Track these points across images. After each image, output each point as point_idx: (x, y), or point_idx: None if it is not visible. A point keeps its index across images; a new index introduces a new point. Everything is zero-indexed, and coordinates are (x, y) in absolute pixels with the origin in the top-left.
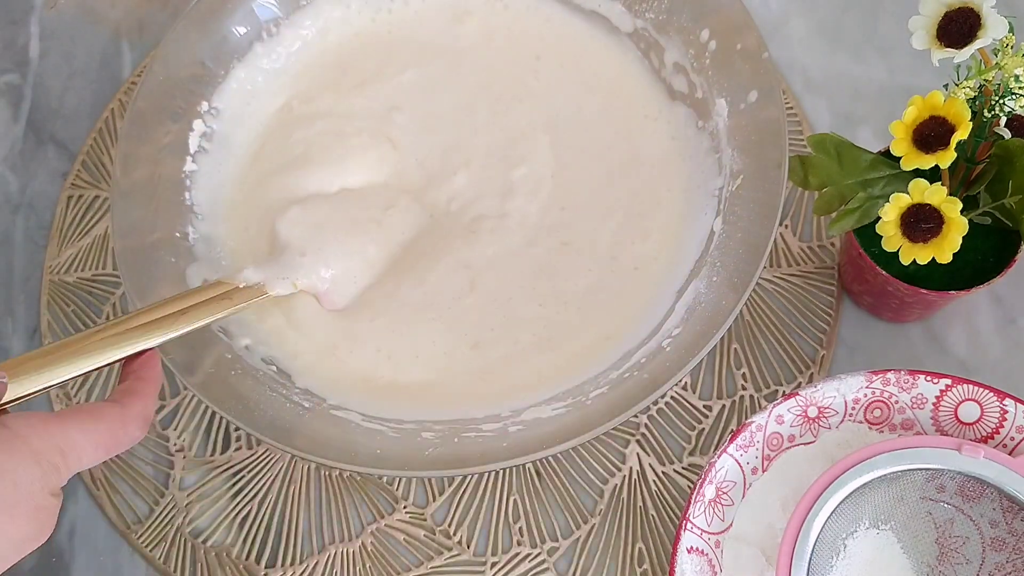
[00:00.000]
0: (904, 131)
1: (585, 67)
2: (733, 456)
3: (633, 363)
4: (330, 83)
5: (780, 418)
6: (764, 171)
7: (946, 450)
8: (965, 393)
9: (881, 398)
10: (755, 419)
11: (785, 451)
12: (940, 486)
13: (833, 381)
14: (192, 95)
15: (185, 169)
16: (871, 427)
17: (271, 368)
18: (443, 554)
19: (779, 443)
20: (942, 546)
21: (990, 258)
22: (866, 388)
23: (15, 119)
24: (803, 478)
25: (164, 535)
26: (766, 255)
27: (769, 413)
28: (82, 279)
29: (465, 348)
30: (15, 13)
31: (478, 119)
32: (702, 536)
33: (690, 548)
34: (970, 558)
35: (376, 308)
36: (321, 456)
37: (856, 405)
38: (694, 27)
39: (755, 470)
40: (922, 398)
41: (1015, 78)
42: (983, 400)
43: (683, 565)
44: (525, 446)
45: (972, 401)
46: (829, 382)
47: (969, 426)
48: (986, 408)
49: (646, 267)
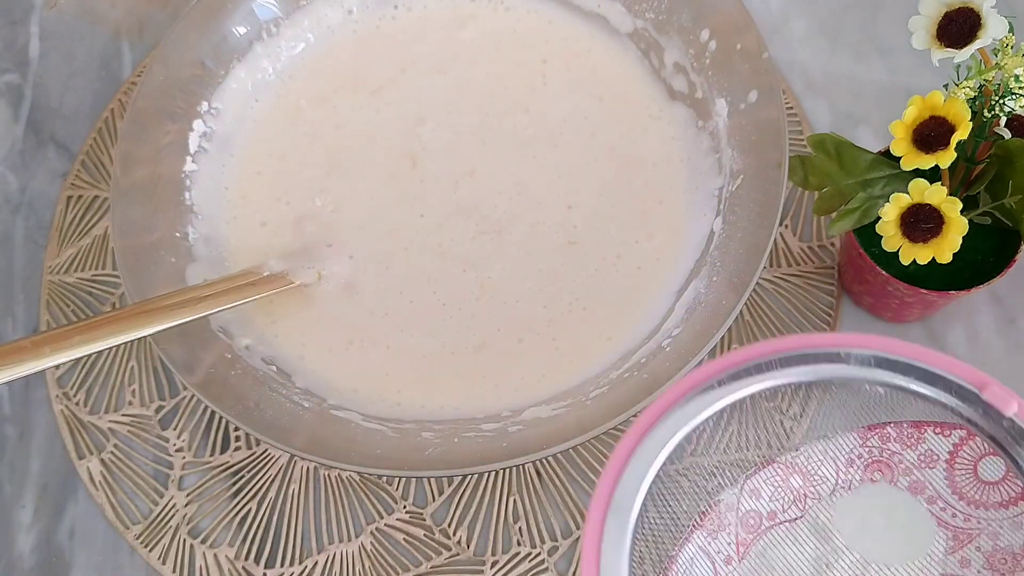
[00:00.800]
0: (904, 131)
1: (588, 69)
2: (700, 545)
3: (633, 363)
4: (341, 86)
5: (756, 492)
6: (764, 171)
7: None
8: (987, 447)
9: (881, 458)
10: (723, 496)
11: (766, 532)
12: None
13: (819, 442)
14: (192, 95)
15: (185, 169)
16: None
17: (271, 368)
18: (443, 554)
19: (757, 523)
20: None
21: (990, 258)
22: (860, 448)
23: (15, 119)
24: (791, 564)
25: (163, 535)
26: (766, 255)
27: (741, 488)
28: (82, 279)
29: (470, 349)
30: (15, 13)
31: (489, 124)
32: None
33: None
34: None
35: (388, 305)
36: (321, 456)
37: (851, 468)
38: (694, 27)
39: (728, 559)
40: (932, 455)
41: (1015, 78)
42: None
43: None
44: (525, 446)
45: (995, 455)
46: (814, 443)
47: (993, 485)
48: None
49: (649, 267)
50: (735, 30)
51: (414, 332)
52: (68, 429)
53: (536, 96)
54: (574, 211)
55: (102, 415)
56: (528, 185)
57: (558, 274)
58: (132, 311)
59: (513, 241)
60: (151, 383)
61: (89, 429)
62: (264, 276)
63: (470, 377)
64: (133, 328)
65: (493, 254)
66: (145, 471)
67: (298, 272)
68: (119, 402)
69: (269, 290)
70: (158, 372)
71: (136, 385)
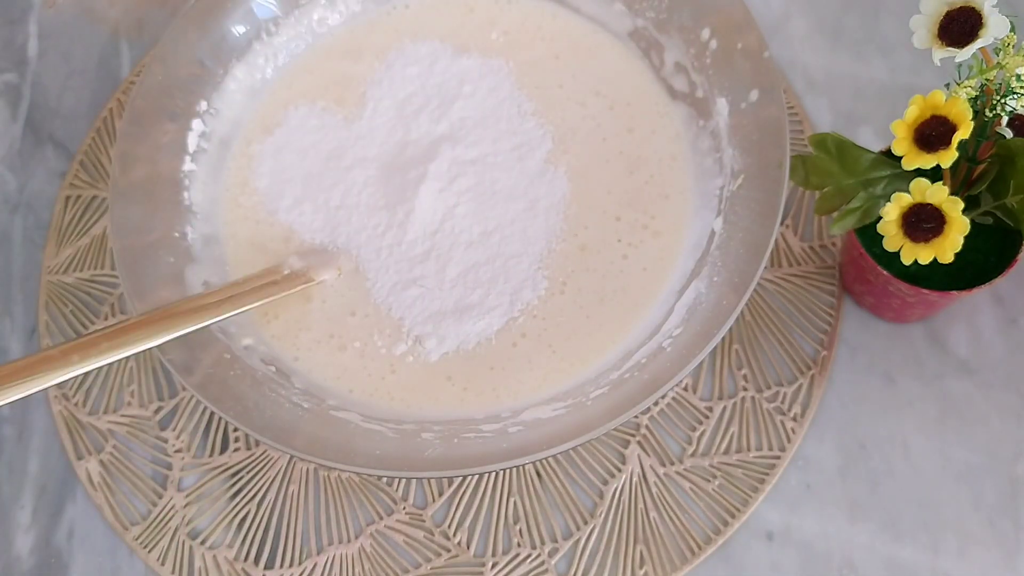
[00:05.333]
0: (905, 130)
1: (591, 68)
2: None
3: (633, 363)
4: (340, 85)
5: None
6: (765, 171)
7: None
8: None
9: None
10: None
11: None
12: None
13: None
14: (191, 94)
15: (184, 168)
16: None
17: (270, 368)
18: (442, 555)
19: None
20: None
21: (992, 258)
22: None
23: (13, 118)
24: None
25: (162, 536)
26: (767, 255)
27: None
28: (80, 279)
29: (470, 348)
30: (13, 12)
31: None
32: None
33: None
34: None
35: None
36: (320, 457)
37: None
38: (695, 26)
39: None
40: None
41: (1016, 77)
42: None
43: None
44: (525, 447)
45: None
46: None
47: None
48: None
49: (653, 267)
50: (736, 29)
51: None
52: (67, 429)
53: (550, 98)
54: (582, 212)
55: (101, 416)
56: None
57: (566, 276)
58: (163, 314)
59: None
60: (150, 384)
61: (88, 430)
62: (285, 275)
63: (471, 376)
64: (165, 330)
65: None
66: (144, 472)
67: (318, 269)
68: (118, 403)
69: (292, 287)
70: (157, 373)
71: (135, 386)
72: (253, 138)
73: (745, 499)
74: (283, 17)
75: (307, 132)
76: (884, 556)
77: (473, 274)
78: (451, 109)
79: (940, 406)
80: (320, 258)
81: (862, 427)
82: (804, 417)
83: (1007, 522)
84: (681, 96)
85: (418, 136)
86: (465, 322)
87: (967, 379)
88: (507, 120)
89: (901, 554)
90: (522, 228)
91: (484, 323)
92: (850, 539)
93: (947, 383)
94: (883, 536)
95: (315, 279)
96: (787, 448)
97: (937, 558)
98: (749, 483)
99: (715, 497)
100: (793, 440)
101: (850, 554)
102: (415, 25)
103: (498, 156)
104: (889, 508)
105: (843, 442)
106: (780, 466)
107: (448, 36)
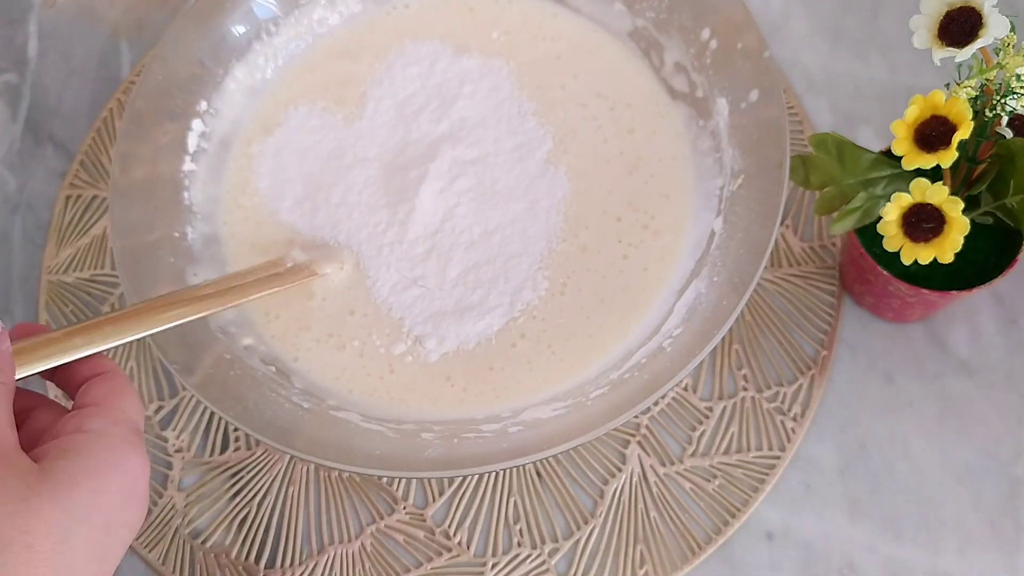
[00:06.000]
0: (905, 130)
1: (592, 68)
2: None
3: (633, 363)
4: (340, 85)
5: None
6: (765, 171)
7: None
8: None
9: None
10: None
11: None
12: None
13: None
14: (191, 94)
15: (184, 168)
16: None
17: (270, 368)
18: (443, 555)
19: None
20: None
21: (992, 258)
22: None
23: (13, 119)
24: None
25: (162, 536)
26: (767, 255)
27: None
28: (80, 279)
29: (470, 348)
30: (13, 12)
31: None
32: None
33: None
34: None
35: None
36: (320, 457)
37: None
38: (695, 26)
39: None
40: None
41: (1017, 77)
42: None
43: None
44: (525, 447)
45: None
46: None
47: None
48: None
49: (653, 267)
50: (736, 29)
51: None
52: None
53: (551, 98)
54: (583, 213)
55: None
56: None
57: (567, 277)
58: (167, 301)
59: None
60: (150, 383)
61: None
62: (288, 267)
63: (471, 375)
64: (169, 317)
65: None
66: None
67: (321, 262)
68: None
69: (295, 280)
70: (157, 372)
71: (135, 385)
72: (253, 138)
73: (745, 499)
74: (283, 17)
75: (307, 132)
76: (884, 556)
77: (473, 274)
78: (451, 109)
79: (940, 406)
80: (323, 252)
81: (862, 427)
82: (804, 417)
83: (1007, 522)
84: (681, 96)
85: (418, 136)
86: (465, 322)
87: (967, 379)
88: (508, 120)
89: (901, 554)
90: (522, 228)
91: (484, 323)
92: (850, 539)
93: (947, 383)
94: (883, 536)
95: (319, 272)
96: (787, 448)
97: (937, 558)
98: (749, 483)
99: (715, 497)
100: (793, 440)
101: (850, 554)
102: (415, 25)
103: (499, 156)
104: (889, 508)
105: (843, 442)
106: (780, 466)
107: (448, 36)
